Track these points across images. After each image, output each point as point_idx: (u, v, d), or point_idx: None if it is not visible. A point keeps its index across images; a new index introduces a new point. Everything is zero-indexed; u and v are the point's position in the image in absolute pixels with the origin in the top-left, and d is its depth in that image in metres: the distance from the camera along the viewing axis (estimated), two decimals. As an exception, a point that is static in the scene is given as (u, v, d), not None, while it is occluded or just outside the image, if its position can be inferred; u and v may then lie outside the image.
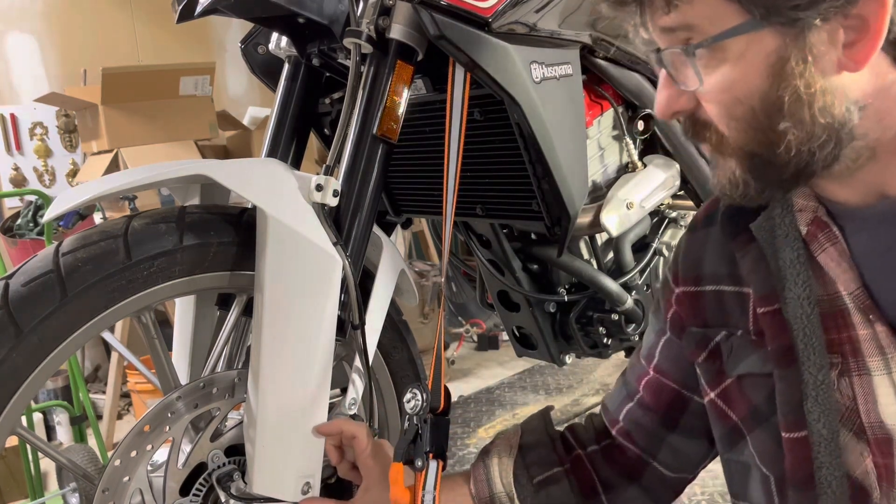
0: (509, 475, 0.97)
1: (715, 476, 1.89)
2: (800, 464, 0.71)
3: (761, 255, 0.76)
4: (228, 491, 1.03)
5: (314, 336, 1.00)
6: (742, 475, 0.81)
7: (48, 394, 2.88)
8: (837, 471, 0.69)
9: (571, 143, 1.21)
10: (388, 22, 1.08)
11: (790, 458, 0.73)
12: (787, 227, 0.74)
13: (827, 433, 0.69)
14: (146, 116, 3.06)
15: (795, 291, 0.72)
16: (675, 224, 1.53)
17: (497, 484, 0.98)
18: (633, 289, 1.47)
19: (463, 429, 2.33)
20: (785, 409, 0.73)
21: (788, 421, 0.72)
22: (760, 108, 0.66)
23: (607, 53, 1.32)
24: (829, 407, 0.69)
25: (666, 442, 0.93)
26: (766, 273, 0.75)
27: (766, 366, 0.75)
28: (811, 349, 0.70)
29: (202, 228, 0.99)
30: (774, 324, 0.74)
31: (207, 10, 1.11)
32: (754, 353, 0.77)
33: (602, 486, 0.97)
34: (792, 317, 0.72)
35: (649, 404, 0.94)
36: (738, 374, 0.79)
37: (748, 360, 0.78)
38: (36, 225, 2.91)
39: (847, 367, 0.70)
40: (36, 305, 0.88)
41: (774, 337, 0.74)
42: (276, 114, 1.30)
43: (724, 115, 0.68)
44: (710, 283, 0.83)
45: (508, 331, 1.64)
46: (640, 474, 0.96)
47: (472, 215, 1.40)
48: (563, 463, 0.98)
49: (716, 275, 0.83)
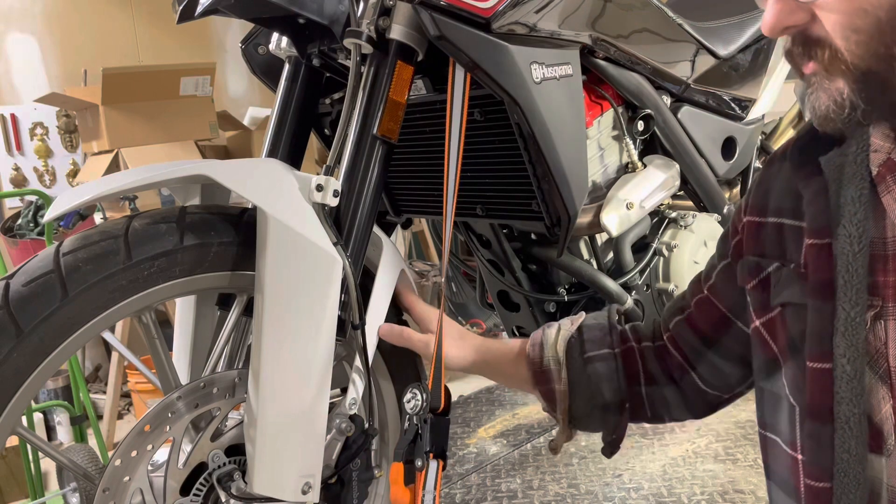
0: (563, 345, 1.05)
1: (714, 476, 1.89)
2: (820, 396, 0.72)
3: (824, 188, 0.75)
4: (229, 491, 1.03)
5: (314, 336, 1.00)
6: (773, 406, 0.82)
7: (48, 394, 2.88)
8: (857, 408, 0.69)
9: (571, 143, 1.21)
10: (388, 22, 1.08)
11: (812, 388, 0.73)
12: (857, 166, 0.73)
13: (851, 370, 0.69)
14: (146, 117, 3.05)
15: (849, 229, 0.71)
16: (674, 224, 1.53)
17: (550, 348, 1.06)
18: (633, 289, 1.47)
19: (463, 429, 2.33)
20: (813, 339, 0.73)
21: (814, 352, 0.73)
22: (887, 19, 0.63)
23: (607, 53, 1.32)
24: (856, 344, 0.69)
25: (706, 358, 0.98)
26: (824, 207, 0.75)
27: (804, 297, 0.76)
28: (850, 286, 0.70)
29: (202, 228, 1.00)
30: (820, 256, 0.74)
31: (208, 10, 1.11)
32: (797, 284, 0.78)
33: (644, 378, 1.03)
34: (839, 252, 0.71)
35: (696, 321, 0.98)
36: (780, 302, 0.80)
37: (790, 289, 0.79)
38: (36, 225, 2.91)
39: (885, 311, 0.70)
40: (37, 305, 0.88)
41: (817, 269, 0.74)
42: (277, 114, 1.30)
43: (846, 26, 0.65)
44: (773, 215, 0.84)
45: (508, 331, 1.64)
46: (681, 378, 1.02)
47: (472, 215, 1.40)
48: (615, 347, 1.05)
49: (779, 208, 0.83)
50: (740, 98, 1.65)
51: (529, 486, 1.92)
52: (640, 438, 2.14)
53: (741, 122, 1.66)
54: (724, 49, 1.58)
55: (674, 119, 1.48)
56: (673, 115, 1.48)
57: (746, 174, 1.73)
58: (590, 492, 1.86)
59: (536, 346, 1.08)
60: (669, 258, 1.49)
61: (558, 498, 1.85)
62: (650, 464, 1.99)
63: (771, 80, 1.73)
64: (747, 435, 2.12)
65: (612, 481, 1.91)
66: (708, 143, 1.56)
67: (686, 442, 2.10)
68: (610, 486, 1.88)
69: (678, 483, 1.87)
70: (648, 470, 1.95)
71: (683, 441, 2.11)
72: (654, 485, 1.87)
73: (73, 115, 3.48)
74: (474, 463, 2.07)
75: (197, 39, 4.11)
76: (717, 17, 1.62)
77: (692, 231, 1.50)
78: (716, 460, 1.98)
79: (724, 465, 1.95)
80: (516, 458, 2.09)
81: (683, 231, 1.50)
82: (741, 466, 1.94)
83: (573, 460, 2.04)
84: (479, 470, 2.03)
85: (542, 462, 2.05)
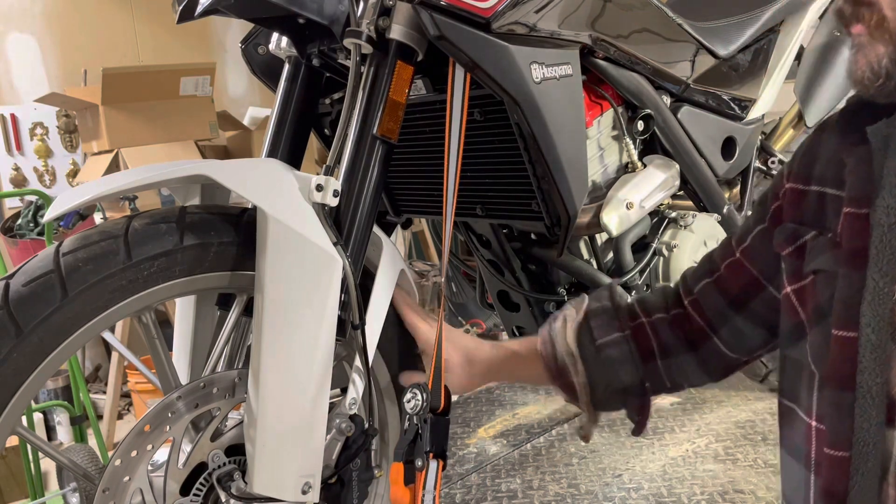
0: (573, 336, 1.06)
1: (714, 476, 1.89)
2: (843, 363, 0.72)
3: (868, 158, 0.75)
4: (229, 491, 1.03)
5: (314, 336, 1.00)
6: (795, 373, 0.82)
7: (48, 394, 2.88)
8: (879, 377, 0.69)
9: (571, 143, 1.21)
10: (388, 22, 1.08)
11: (835, 356, 0.73)
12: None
13: (875, 339, 0.69)
14: (146, 116, 3.06)
15: (888, 200, 0.71)
16: (674, 224, 1.53)
17: (560, 343, 1.06)
18: (633, 289, 1.47)
19: (463, 429, 2.33)
20: (840, 306, 0.73)
21: (840, 319, 0.73)
22: None
23: (607, 53, 1.32)
24: (882, 315, 0.69)
25: (730, 321, 0.98)
26: (866, 176, 0.75)
27: (836, 264, 0.76)
28: (882, 257, 0.70)
29: (202, 228, 1.00)
30: (856, 225, 0.74)
31: (207, 10, 1.11)
32: (830, 252, 0.78)
33: (660, 351, 1.03)
34: (875, 223, 0.71)
35: (726, 283, 0.98)
36: (813, 269, 0.80)
37: (823, 256, 0.79)
38: (36, 225, 2.91)
39: None
40: (36, 305, 0.88)
41: (852, 238, 0.74)
42: (276, 114, 1.30)
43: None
44: (816, 183, 0.84)
45: (508, 331, 1.64)
46: (700, 345, 1.02)
47: (472, 215, 1.40)
48: (624, 329, 1.05)
49: (823, 177, 0.83)
50: (740, 98, 1.65)
51: (529, 486, 1.92)
52: (639, 438, 2.14)
53: (741, 122, 1.66)
54: (723, 49, 1.58)
55: (674, 119, 1.48)
56: (673, 115, 1.48)
57: (746, 174, 1.73)
58: (590, 492, 1.86)
59: (547, 343, 1.08)
60: (669, 258, 1.49)
61: (558, 498, 1.85)
62: (650, 464, 1.99)
63: (771, 80, 1.73)
64: (747, 435, 2.12)
65: (612, 481, 1.91)
66: (708, 143, 1.56)
67: (686, 442, 2.10)
68: (610, 486, 1.88)
69: (678, 483, 1.87)
70: (648, 470, 1.95)
71: (683, 441, 2.11)
72: (654, 485, 1.87)
73: (73, 115, 3.48)
74: (474, 463, 2.07)
75: (197, 39, 4.11)
76: (717, 17, 1.62)
77: (692, 231, 1.50)
78: (716, 460, 1.98)
79: (724, 465, 1.95)
80: (516, 458, 2.09)
81: (683, 231, 1.50)
82: (741, 466, 1.94)
83: (573, 460, 2.04)
84: (479, 470, 2.03)
85: (542, 462, 2.05)
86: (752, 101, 1.69)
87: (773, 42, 1.72)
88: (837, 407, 0.73)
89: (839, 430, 0.73)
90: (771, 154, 1.85)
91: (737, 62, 1.64)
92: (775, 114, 1.88)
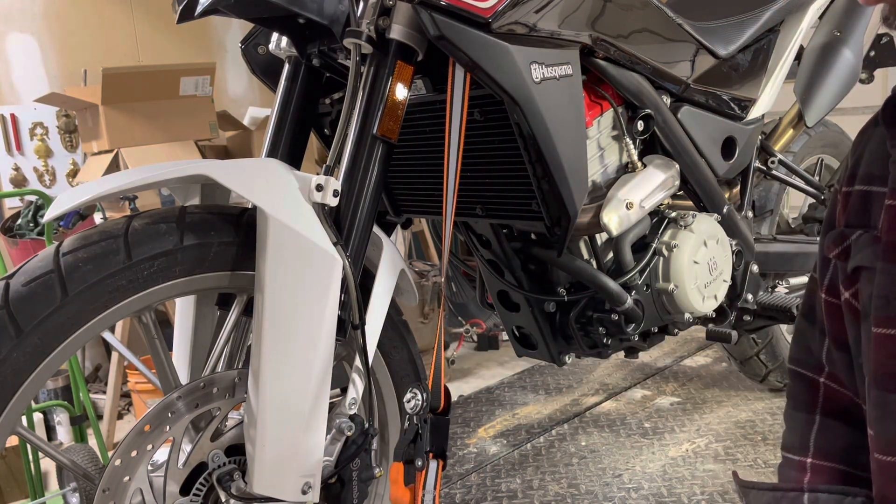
0: None
1: (714, 476, 1.89)
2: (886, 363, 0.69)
3: None
4: (229, 490, 1.03)
5: (314, 336, 1.00)
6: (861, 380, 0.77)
7: (48, 394, 2.88)
8: None
9: (571, 143, 1.21)
10: (388, 22, 1.08)
11: (877, 354, 0.70)
12: None
13: None
14: (146, 117, 3.05)
15: None
16: (674, 224, 1.53)
17: None
18: (633, 289, 1.47)
19: (463, 429, 2.33)
20: (878, 302, 0.70)
21: (880, 316, 0.70)
22: None
23: (607, 53, 1.32)
24: None
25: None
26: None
27: (875, 259, 0.73)
28: None
29: (202, 228, 1.00)
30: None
31: (207, 10, 1.11)
32: (871, 247, 0.75)
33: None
34: None
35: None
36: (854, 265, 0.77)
37: (864, 252, 0.75)
38: (36, 225, 2.91)
39: None
40: (36, 305, 0.88)
41: (891, 230, 0.71)
42: (277, 114, 1.30)
43: None
44: (861, 183, 0.81)
45: (508, 331, 1.64)
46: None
47: (472, 215, 1.40)
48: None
49: (868, 175, 0.80)
50: (740, 98, 1.65)
51: (529, 486, 1.92)
52: (640, 438, 2.14)
53: (741, 122, 1.66)
54: (723, 49, 1.58)
55: (674, 119, 1.48)
56: (673, 115, 1.48)
57: (746, 174, 1.73)
58: (590, 492, 1.86)
59: None
60: (669, 258, 1.49)
61: (558, 498, 1.85)
62: (650, 464, 1.99)
63: (771, 80, 1.73)
64: (747, 435, 2.12)
65: (612, 481, 1.91)
66: (708, 142, 1.56)
67: (686, 442, 2.10)
68: (610, 486, 1.88)
69: (678, 483, 1.87)
70: (648, 470, 1.95)
71: (683, 441, 2.11)
72: (654, 485, 1.87)
73: (73, 115, 3.49)
74: (474, 463, 2.07)
75: (197, 39, 4.11)
76: (717, 17, 1.62)
77: (692, 231, 1.50)
78: (716, 460, 1.98)
79: (724, 465, 1.95)
80: (516, 458, 2.09)
81: (683, 231, 1.50)
82: (741, 466, 1.94)
83: (573, 460, 2.04)
84: (479, 470, 2.03)
85: (542, 462, 2.05)
86: (751, 101, 1.69)
87: (772, 42, 1.72)
88: (883, 408, 0.69)
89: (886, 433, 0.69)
90: (771, 154, 1.85)
91: (737, 62, 1.64)
92: (775, 114, 1.88)
